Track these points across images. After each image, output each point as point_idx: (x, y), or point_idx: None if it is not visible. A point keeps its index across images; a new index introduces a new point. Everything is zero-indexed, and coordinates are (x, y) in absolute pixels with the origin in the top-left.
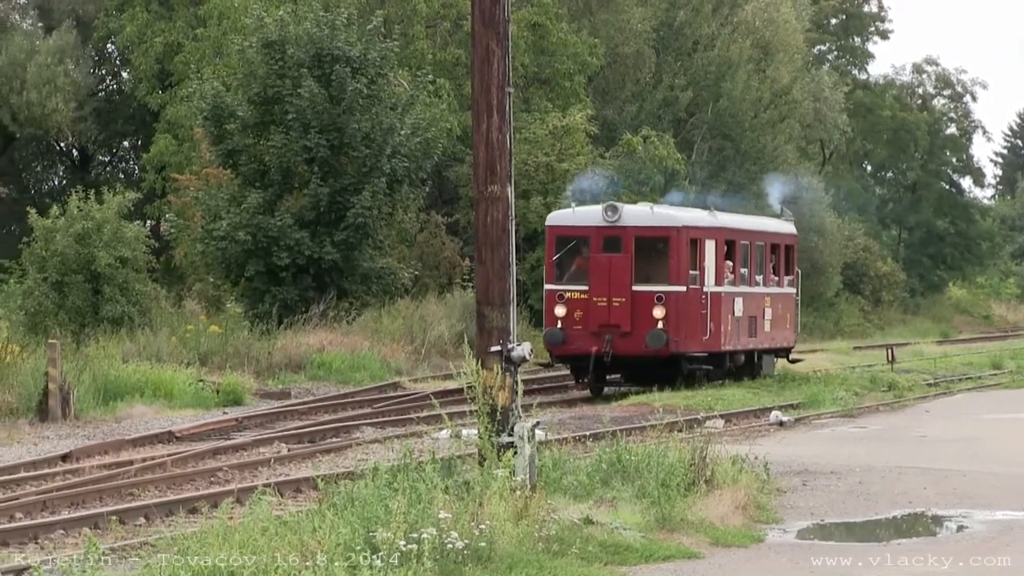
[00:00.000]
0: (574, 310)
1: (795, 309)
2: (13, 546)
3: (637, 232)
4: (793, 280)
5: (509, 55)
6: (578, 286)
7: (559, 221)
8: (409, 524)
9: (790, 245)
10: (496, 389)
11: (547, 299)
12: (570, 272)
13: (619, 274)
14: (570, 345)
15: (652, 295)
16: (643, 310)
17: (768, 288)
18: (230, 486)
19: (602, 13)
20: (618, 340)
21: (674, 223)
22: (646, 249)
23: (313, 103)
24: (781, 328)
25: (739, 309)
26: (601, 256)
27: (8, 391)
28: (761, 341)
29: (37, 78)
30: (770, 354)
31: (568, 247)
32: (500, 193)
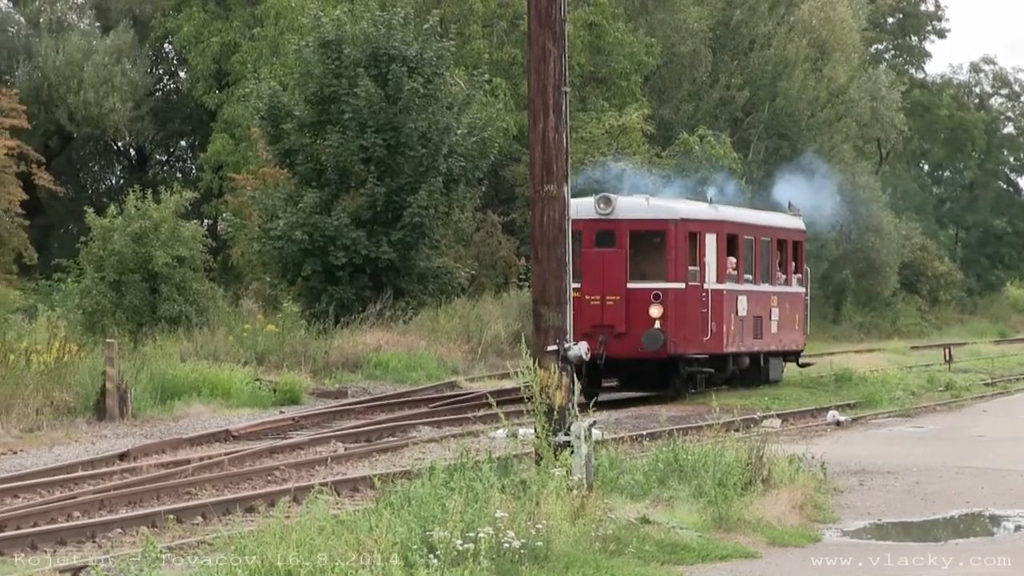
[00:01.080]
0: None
1: (804, 309)
2: (71, 545)
3: (632, 225)
4: (802, 279)
5: (565, 54)
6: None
7: None
8: (466, 523)
9: (798, 241)
10: (553, 388)
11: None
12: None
13: (613, 270)
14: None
15: (648, 293)
16: (639, 309)
17: (775, 287)
18: (287, 485)
19: (658, 12)
20: (612, 341)
21: (671, 215)
22: (642, 243)
23: (370, 102)
24: (789, 329)
25: (743, 308)
26: (593, 251)
27: (66, 390)
28: (767, 343)
29: (94, 78)
30: (777, 357)
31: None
32: (556, 192)
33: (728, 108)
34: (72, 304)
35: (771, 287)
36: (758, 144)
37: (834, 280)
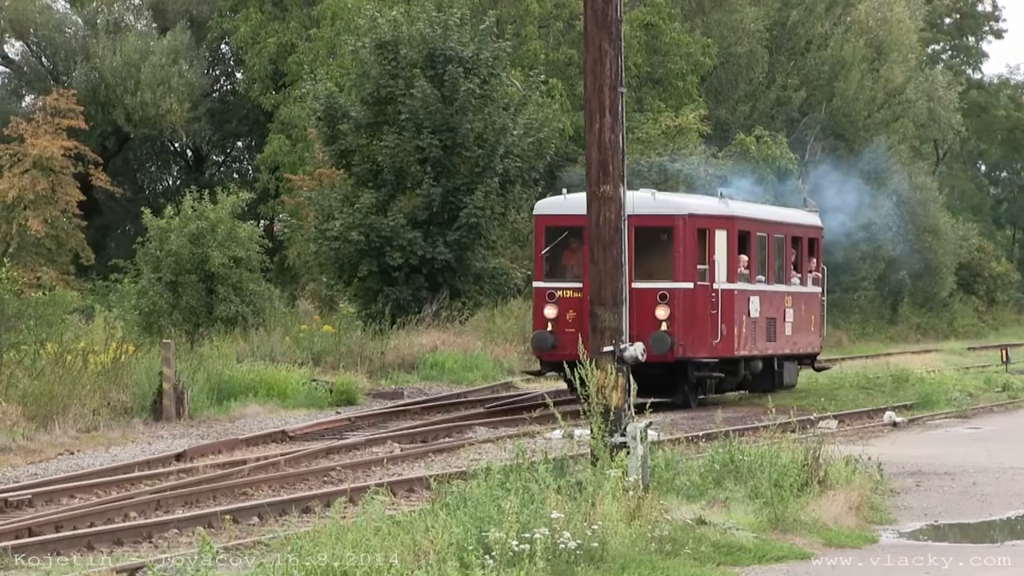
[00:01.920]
0: (566, 310)
1: (821, 310)
2: (127, 545)
3: (637, 222)
4: (818, 278)
5: (622, 55)
6: (571, 284)
7: (549, 210)
8: (522, 524)
9: (815, 238)
10: (609, 389)
11: (536, 298)
12: (562, 268)
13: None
14: (562, 350)
15: (655, 293)
16: (644, 310)
17: (789, 286)
18: (343, 485)
19: (715, 13)
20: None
21: (679, 211)
22: (647, 241)
23: (426, 103)
24: (805, 331)
25: (755, 309)
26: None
27: (123, 391)
28: (781, 346)
29: (151, 79)
30: (792, 361)
31: (559, 239)
32: (613, 193)
33: (784, 108)
34: (129, 305)
35: (785, 287)
36: (814, 144)
37: (891, 281)
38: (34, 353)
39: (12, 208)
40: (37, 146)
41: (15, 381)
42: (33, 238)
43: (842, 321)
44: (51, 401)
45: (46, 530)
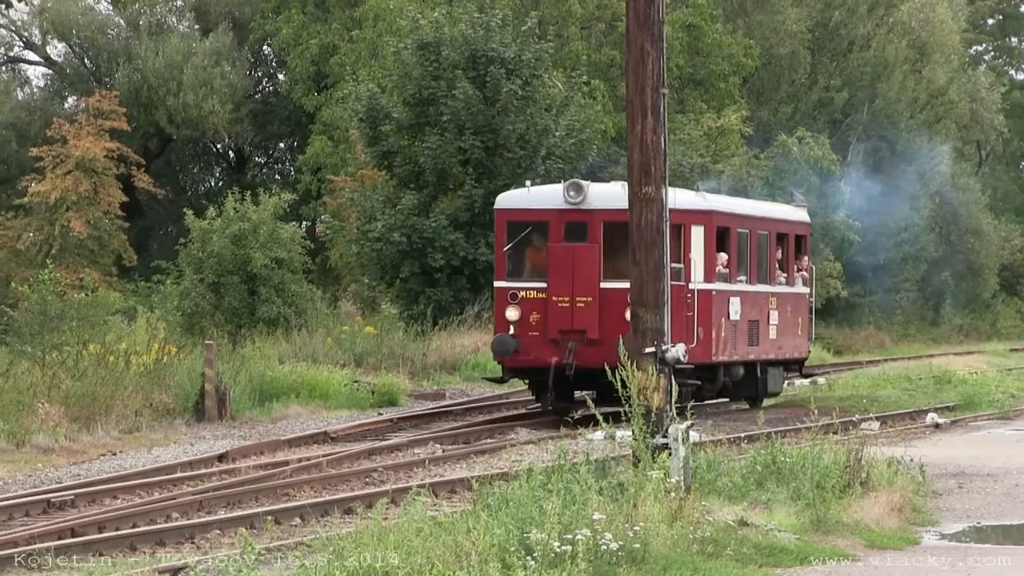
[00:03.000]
0: (530, 312)
1: (809, 312)
2: (170, 545)
3: (606, 216)
4: (806, 278)
5: (664, 56)
6: (535, 283)
7: (511, 204)
8: (563, 525)
9: (802, 235)
10: (651, 391)
11: (497, 299)
12: (525, 266)
13: (585, 268)
14: (525, 355)
15: (625, 293)
16: (614, 312)
17: (774, 286)
18: (385, 487)
19: (757, 14)
20: (583, 349)
21: None
22: (618, 237)
23: (468, 104)
24: (791, 335)
25: (736, 311)
26: (563, 246)
27: (165, 392)
28: (765, 351)
29: (194, 80)
30: (777, 366)
31: (522, 235)
32: (654, 194)
33: (827, 110)
34: (171, 306)
35: (769, 287)
36: (857, 145)
37: (933, 282)
38: (77, 354)
39: (55, 209)
40: (80, 147)
41: (58, 382)
42: (76, 239)
43: (884, 322)
44: (94, 402)
45: (89, 531)
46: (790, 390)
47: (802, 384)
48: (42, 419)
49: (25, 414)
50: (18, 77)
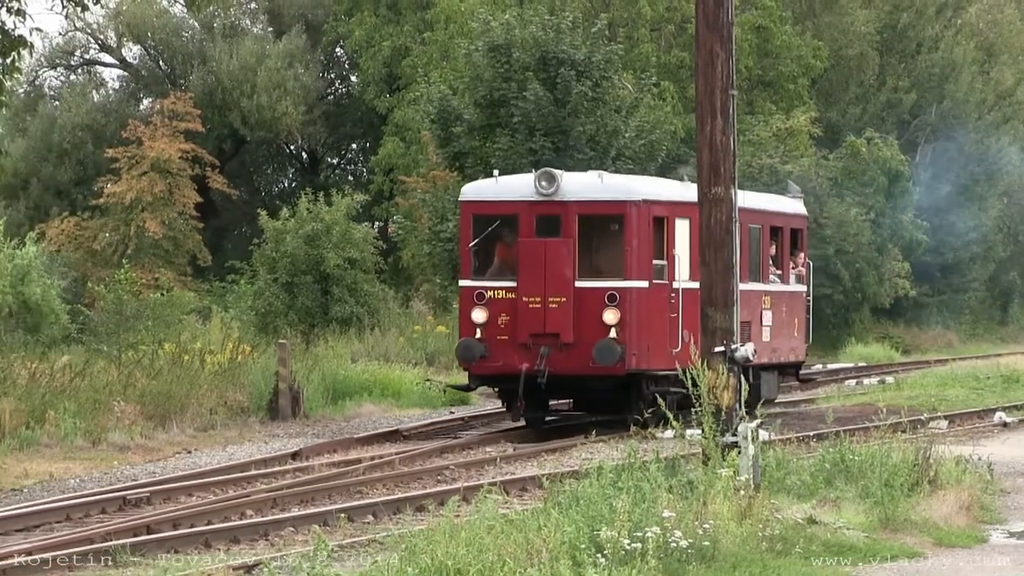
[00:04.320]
0: (498, 314)
1: (806, 312)
2: (244, 543)
3: (581, 209)
4: (803, 275)
5: (733, 58)
6: (503, 282)
7: (477, 195)
8: (633, 523)
9: (798, 229)
10: (720, 389)
11: (462, 300)
12: (493, 263)
13: (557, 265)
14: (492, 361)
15: (602, 293)
16: (590, 314)
17: (767, 284)
18: (456, 484)
19: (826, 16)
20: (556, 355)
21: (631, 196)
22: (594, 231)
23: (538, 106)
24: (785, 336)
25: None
26: (534, 241)
27: (239, 390)
28: (758, 354)
29: (267, 82)
30: (771, 371)
31: (490, 230)
32: (724, 195)
33: (895, 111)
34: (245, 305)
35: (762, 285)
36: (925, 146)
37: (1001, 282)
38: (152, 353)
39: (130, 210)
40: (155, 149)
41: (134, 381)
42: (151, 240)
43: (952, 322)
44: (169, 400)
45: (164, 528)
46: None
47: (871, 383)
48: (118, 417)
49: (101, 412)
50: (94, 79)
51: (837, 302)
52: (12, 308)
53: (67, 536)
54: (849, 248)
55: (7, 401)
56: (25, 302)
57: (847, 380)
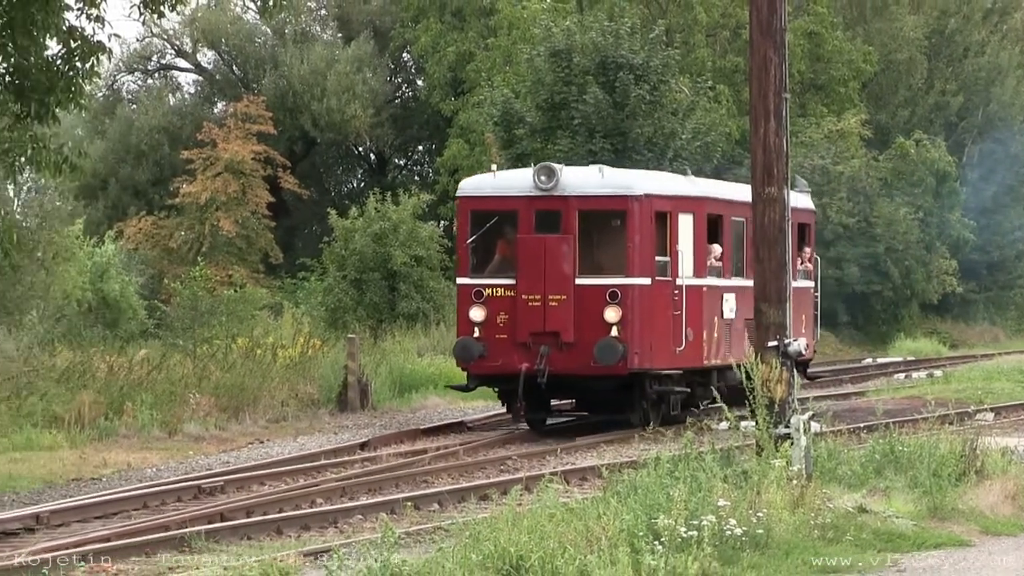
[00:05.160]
0: (497, 313)
1: (813, 308)
2: (314, 530)
3: (582, 204)
4: (810, 270)
5: (786, 62)
6: (502, 280)
7: (475, 191)
8: (689, 511)
9: (805, 224)
10: (773, 383)
11: (460, 298)
12: (491, 261)
13: (557, 262)
14: (491, 361)
15: (603, 291)
16: (591, 312)
17: None
18: (519, 474)
19: (876, 22)
20: (556, 354)
21: (632, 191)
22: (595, 228)
23: (598, 109)
24: (793, 333)
25: (730, 309)
26: (533, 238)
27: (310, 383)
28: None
29: (337, 86)
30: None
31: (488, 226)
32: (777, 195)
33: (943, 113)
34: (315, 301)
35: None
36: (972, 148)
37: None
38: (226, 347)
39: (205, 209)
40: (229, 150)
41: (208, 374)
42: (225, 238)
43: (998, 318)
44: (242, 393)
45: (237, 515)
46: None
47: (919, 377)
48: (193, 409)
49: (177, 404)
50: (170, 83)
51: (887, 298)
52: (92, 304)
53: (144, 523)
54: (898, 246)
55: (87, 393)
56: (104, 298)
57: (896, 374)
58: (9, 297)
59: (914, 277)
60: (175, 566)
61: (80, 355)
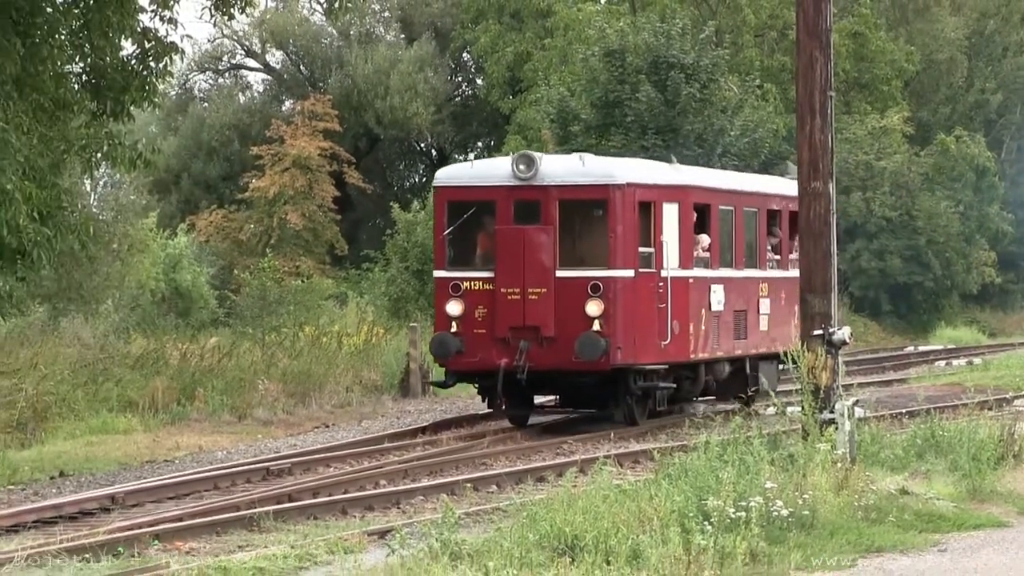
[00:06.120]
0: (475, 306)
1: None
2: (378, 510)
3: (562, 194)
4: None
5: (831, 62)
6: (480, 272)
7: (453, 181)
8: (738, 493)
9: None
10: (819, 370)
11: (437, 291)
12: (469, 253)
13: (537, 254)
14: (469, 356)
15: (585, 283)
16: (572, 305)
17: (765, 271)
18: (574, 457)
19: (918, 23)
20: (537, 349)
21: (614, 179)
22: (576, 217)
23: (650, 106)
24: (786, 326)
25: (719, 301)
26: (512, 229)
27: (373, 370)
28: (755, 344)
29: (400, 85)
30: (770, 361)
31: (465, 217)
32: (822, 189)
33: (982, 110)
34: (379, 291)
35: (759, 272)
36: (1011, 143)
37: None
38: (293, 335)
39: (273, 203)
40: (296, 147)
41: (276, 361)
42: (292, 231)
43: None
44: (308, 379)
45: (304, 496)
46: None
47: (959, 365)
48: (262, 395)
49: (247, 390)
50: (240, 82)
51: (928, 289)
52: (165, 294)
53: (214, 503)
54: (939, 239)
55: (160, 380)
56: (177, 288)
57: (937, 361)
58: (86, 287)
59: (954, 268)
60: (244, 544)
61: (154, 343)
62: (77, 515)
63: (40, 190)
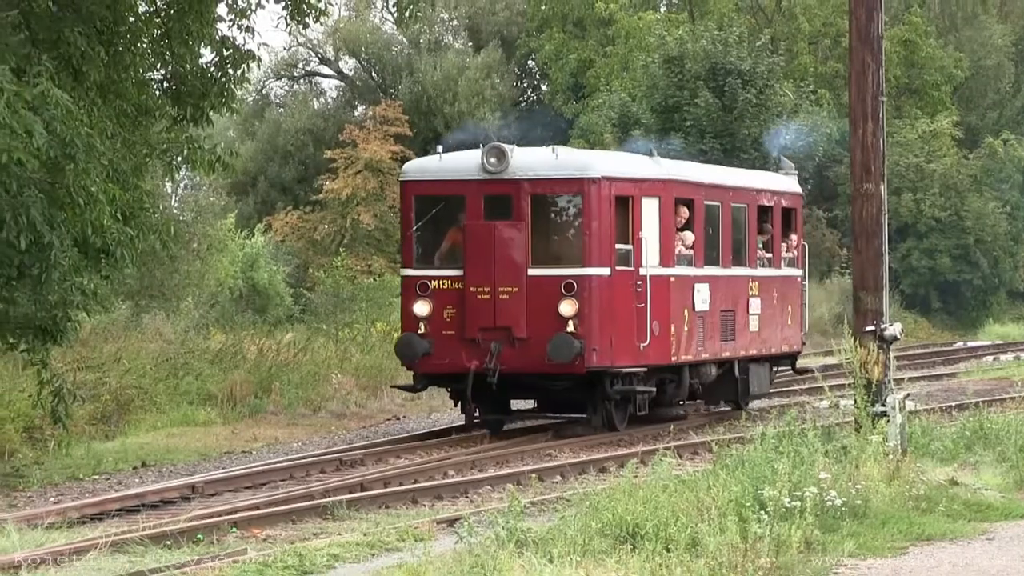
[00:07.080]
0: (443, 306)
1: (800, 297)
2: (446, 499)
3: (534, 188)
4: (797, 258)
5: (882, 68)
6: (448, 271)
7: (420, 175)
8: (793, 483)
9: (792, 208)
10: (871, 364)
11: (404, 291)
12: (437, 250)
13: (508, 251)
14: (437, 359)
15: (558, 282)
16: (545, 305)
17: (754, 269)
18: (635, 448)
19: (966, 30)
20: (508, 351)
21: (589, 172)
22: (549, 213)
23: (708, 111)
24: (778, 326)
25: (703, 300)
26: (481, 225)
27: None
28: (744, 345)
29: (467, 91)
30: (762, 363)
31: (433, 213)
32: (874, 190)
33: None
34: None
35: (748, 270)
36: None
37: None
38: (366, 331)
39: (346, 204)
40: (368, 150)
41: (349, 356)
42: (364, 231)
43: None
44: (380, 373)
45: (376, 486)
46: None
47: (1007, 360)
48: (335, 388)
49: (320, 384)
50: (314, 89)
51: (976, 286)
52: (242, 291)
53: (290, 492)
54: (987, 238)
55: (238, 374)
56: (254, 286)
57: (985, 356)
58: (167, 285)
59: (1002, 267)
60: (319, 532)
61: (232, 338)
62: (158, 503)
63: (123, 192)
